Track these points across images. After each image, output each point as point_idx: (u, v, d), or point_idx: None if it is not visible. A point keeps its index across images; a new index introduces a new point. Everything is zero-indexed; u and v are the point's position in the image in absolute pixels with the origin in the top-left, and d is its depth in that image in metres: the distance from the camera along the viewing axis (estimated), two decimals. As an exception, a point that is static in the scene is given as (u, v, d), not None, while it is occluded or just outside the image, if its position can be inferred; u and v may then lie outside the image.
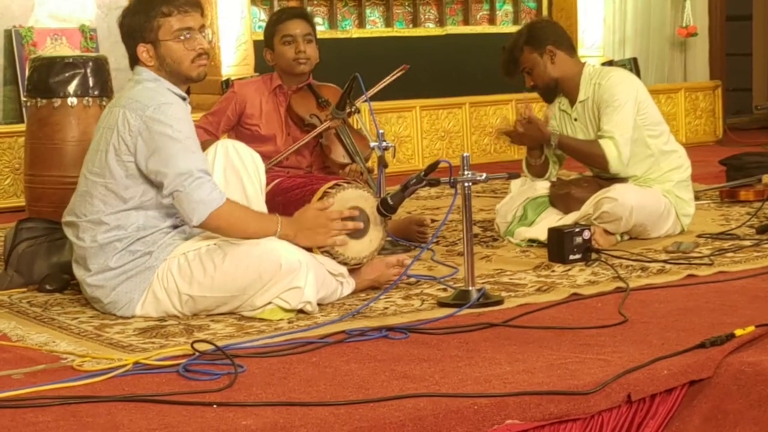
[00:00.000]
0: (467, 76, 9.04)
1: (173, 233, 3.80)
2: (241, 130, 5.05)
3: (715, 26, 10.41)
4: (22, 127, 6.48)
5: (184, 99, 3.85)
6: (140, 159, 3.70)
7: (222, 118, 5.03)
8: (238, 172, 3.98)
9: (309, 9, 8.49)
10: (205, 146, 4.06)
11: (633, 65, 9.18)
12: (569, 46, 5.09)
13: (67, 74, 4.99)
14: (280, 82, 5.08)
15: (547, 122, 5.07)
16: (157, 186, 3.71)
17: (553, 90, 5.09)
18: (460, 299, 3.85)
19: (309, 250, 3.88)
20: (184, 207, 3.67)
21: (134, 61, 3.86)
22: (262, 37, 8.09)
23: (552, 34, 5.06)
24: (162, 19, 3.78)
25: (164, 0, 3.78)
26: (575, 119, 5.08)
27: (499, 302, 3.89)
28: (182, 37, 3.79)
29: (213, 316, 3.75)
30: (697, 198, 5.49)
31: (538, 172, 5.16)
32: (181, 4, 3.79)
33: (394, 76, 5.06)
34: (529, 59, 5.03)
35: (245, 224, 3.74)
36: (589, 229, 4.61)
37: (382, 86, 5.04)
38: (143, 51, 3.80)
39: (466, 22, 9.45)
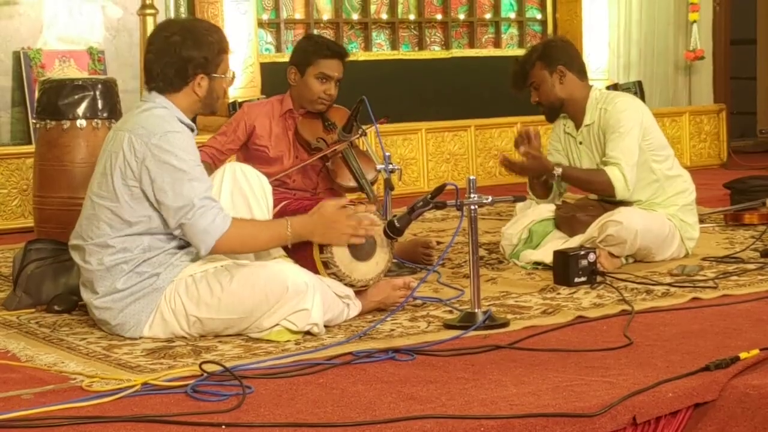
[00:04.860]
0: (473, 99, 9.08)
1: (180, 254, 3.82)
2: (249, 151, 5.08)
3: (720, 50, 10.45)
4: (30, 148, 6.53)
5: (192, 130, 3.88)
6: (145, 186, 3.73)
7: (231, 138, 5.06)
8: (245, 195, 4.02)
9: (316, 31, 8.55)
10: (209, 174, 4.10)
11: (638, 89, 9.21)
12: (580, 69, 5.12)
13: (76, 96, 5.02)
14: (290, 105, 5.10)
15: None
16: (163, 217, 3.74)
17: (557, 109, 5.12)
18: (466, 321, 3.87)
19: (315, 272, 3.90)
20: (191, 239, 3.71)
21: (169, 86, 3.84)
22: (268, 60, 8.26)
23: (565, 55, 5.09)
24: (224, 56, 3.91)
25: (224, 39, 3.93)
26: (580, 143, 5.11)
27: (505, 324, 3.91)
28: (226, 75, 3.94)
29: (221, 337, 3.77)
30: (701, 221, 5.51)
31: (543, 194, 5.18)
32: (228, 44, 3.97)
33: (370, 128, 5.06)
34: (539, 75, 5.06)
35: (255, 239, 3.79)
36: (594, 252, 4.62)
37: (359, 134, 5.03)
38: (201, 80, 3.85)
39: (471, 45, 9.51)
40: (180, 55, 3.82)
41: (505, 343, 3.65)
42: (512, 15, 9.72)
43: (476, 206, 3.93)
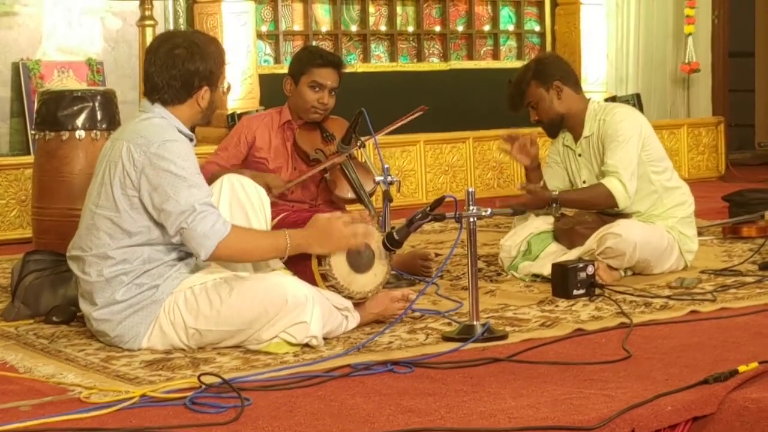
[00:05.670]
0: (471, 111, 9.08)
1: (179, 266, 3.83)
2: (249, 163, 5.08)
3: (718, 62, 10.46)
4: (28, 159, 6.53)
5: (191, 140, 3.89)
6: (144, 195, 3.73)
7: (234, 152, 5.07)
8: (243, 207, 4.03)
9: (315, 43, 8.55)
10: (218, 177, 4.12)
11: (636, 101, 9.22)
12: (575, 82, 5.13)
13: (75, 107, 5.03)
14: (289, 117, 5.11)
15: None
16: (162, 225, 3.74)
17: (557, 125, 5.12)
18: (465, 334, 3.87)
19: (314, 285, 3.90)
20: (191, 243, 3.71)
21: (175, 98, 3.85)
22: (267, 72, 8.27)
23: (559, 70, 5.09)
24: (224, 67, 3.96)
25: (222, 50, 3.97)
26: (579, 155, 5.11)
27: (504, 337, 3.91)
28: (223, 87, 3.97)
29: (219, 349, 3.77)
30: (699, 234, 5.51)
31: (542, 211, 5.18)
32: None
33: (413, 116, 5.07)
34: (536, 94, 5.06)
35: (255, 247, 3.80)
36: (593, 265, 4.63)
37: (399, 125, 5.05)
38: (205, 93, 3.88)
39: (470, 57, 9.51)
40: (186, 68, 3.83)
41: (503, 355, 3.65)
42: (511, 27, 9.73)
43: (475, 218, 3.93)
